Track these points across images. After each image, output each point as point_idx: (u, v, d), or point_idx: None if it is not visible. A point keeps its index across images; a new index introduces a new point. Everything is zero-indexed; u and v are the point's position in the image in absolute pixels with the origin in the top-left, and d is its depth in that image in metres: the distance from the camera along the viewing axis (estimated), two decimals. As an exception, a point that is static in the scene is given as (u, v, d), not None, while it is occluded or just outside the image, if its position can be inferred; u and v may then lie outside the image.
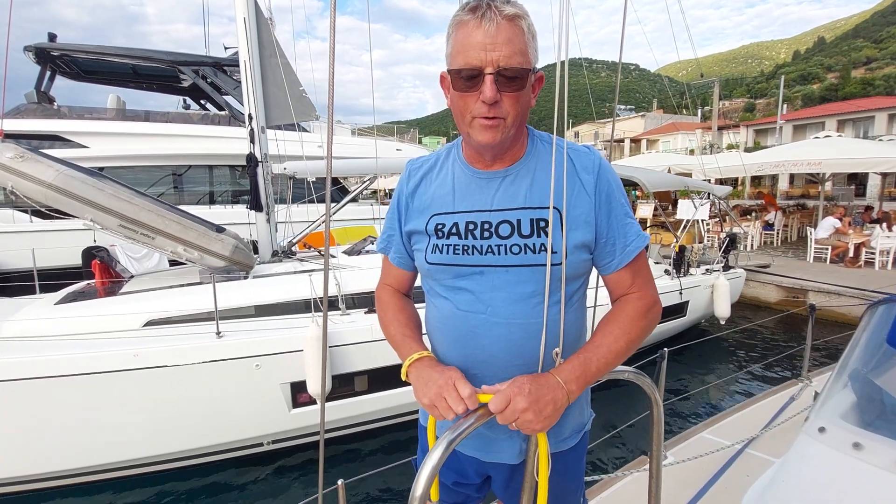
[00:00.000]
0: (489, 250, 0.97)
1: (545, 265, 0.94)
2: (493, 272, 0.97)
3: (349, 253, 4.91)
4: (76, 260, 5.38)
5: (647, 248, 1.06)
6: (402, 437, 4.19)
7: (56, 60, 8.96)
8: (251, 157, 4.73)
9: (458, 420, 0.88)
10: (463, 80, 0.88)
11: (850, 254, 9.48)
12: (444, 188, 1.04)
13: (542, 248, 0.95)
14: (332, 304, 3.98)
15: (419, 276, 1.15)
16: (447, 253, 1.00)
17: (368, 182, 5.77)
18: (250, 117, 4.67)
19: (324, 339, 1.79)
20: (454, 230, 1.00)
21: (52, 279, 4.96)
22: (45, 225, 7.35)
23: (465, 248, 0.99)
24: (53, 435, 3.26)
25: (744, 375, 5.81)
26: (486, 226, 0.98)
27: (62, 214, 3.92)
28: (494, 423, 1.05)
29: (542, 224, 0.95)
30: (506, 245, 0.96)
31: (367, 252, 5.07)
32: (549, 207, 0.95)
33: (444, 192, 1.03)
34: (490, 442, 1.08)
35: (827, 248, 9.82)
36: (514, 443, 1.05)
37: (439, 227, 1.02)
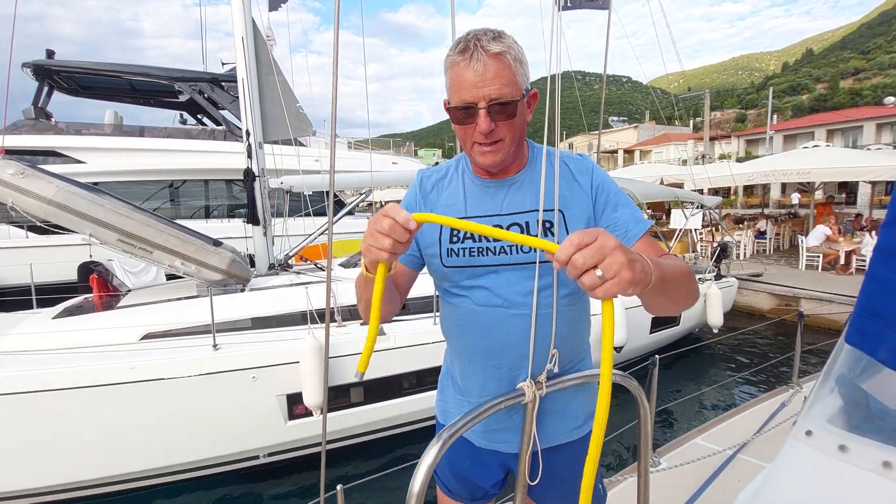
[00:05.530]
0: (502, 251, 1.05)
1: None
2: (507, 270, 1.05)
3: (345, 265, 4.95)
4: (72, 275, 5.39)
5: (654, 234, 1.09)
6: (399, 448, 4.19)
7: (54, 76, 9.02)
8: (248, 172, 4.78)
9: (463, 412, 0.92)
10: (461, 114, 0.98)
11: (842, 261, 9.60)
12: (455, 196, 1.12)
13: None
14: (330, 314, 4.00)
15: (432, 280, 1.19)
16: (463, 256, 1.07)
17: (365, 195, 5.83)
18: (248, 133, 4.74)
19: (326, 349, 1.83)
20: (468, 234, 1.07)
21: (49, 294, 4.97)
22: (41, 240, 7.34)
23: (480, 249, 1.06)
24: (50, 449, 3.26)
25: (736, 382, 5.85)
26: (498, 229, 1.05)
27: (59, 229, 3.94)
28: (513, 413, 1.09)
29: (548, 225, 1.04)
30: (517, 245, 1.04)
31: (364, 264, 5.10)
32: (553, 210, 1.04)
33: (455, 200, 1.11)
34: (509, 433, 1.13)
35: (818, 256, 9.94)
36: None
37: (454, 231, 1.09)
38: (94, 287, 4.55)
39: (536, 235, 1.03)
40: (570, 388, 1.11)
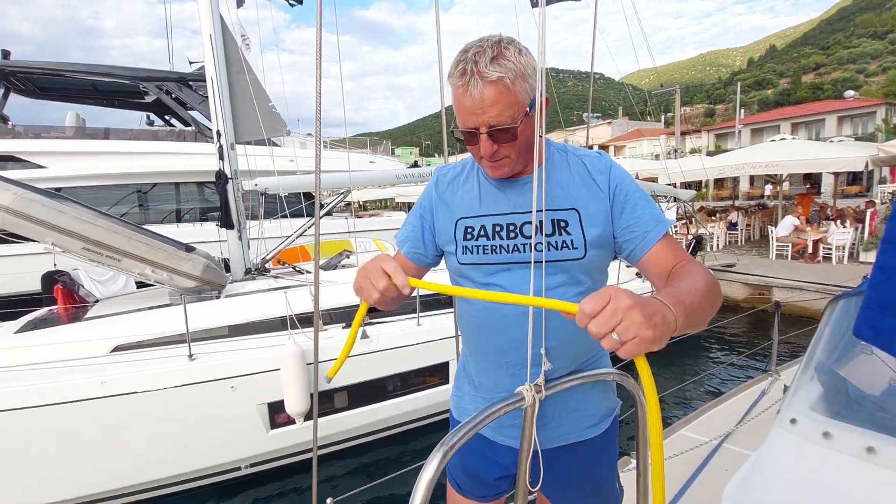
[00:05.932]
0: (515, 249, 1.05)
1: (568, 260, 1.03)
2: (520, 268, 1.05)
3: (325, 268, 4.86)
4: (35, 286, 5.14)
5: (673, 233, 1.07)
6: (386, 452, 4.13)
7: (10, 78, 8.58)
8: (221, 175, 4.64)
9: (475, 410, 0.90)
10: (466, 136, 1.01)
11: (810, 250, 9.92)
12: (471, 194, 1.13)
13: (564, 245, 1.03)
14: (310, 319, 3.92)
15: (449, 276, 1.21)
16: (478, 253, 1.09)
17: (343, 195, 5.73)
18: (219, 134, 4.59)
19: (315, 351, 1.76)
20: (482, 232, 1.09)
21: (11, 307, 4.73)
22: (1, 250, 7.00)
23: (494, 247, 1.07)
24: (16, 470, 3.09)
25: (717, 372, 5.98)
26: (512, 227, 1.07)
27: (19, 239, 3.75)
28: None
29: (563, 224, 1.04)
30: (530, 243, 1.04)
31: (343, 266, 5.02)
32: (569, 209, 1.04)
33: (471, 198, 1.13)
34: (521, 429, 1.10)
35: (788, 246, 10.25)
36: (548, 429, 1.11)
37: (468, 230, 1.10)
38: (58, 298, 4.34)
39: (552, 233, 1.03)
40: (584, 387, 1.11)
